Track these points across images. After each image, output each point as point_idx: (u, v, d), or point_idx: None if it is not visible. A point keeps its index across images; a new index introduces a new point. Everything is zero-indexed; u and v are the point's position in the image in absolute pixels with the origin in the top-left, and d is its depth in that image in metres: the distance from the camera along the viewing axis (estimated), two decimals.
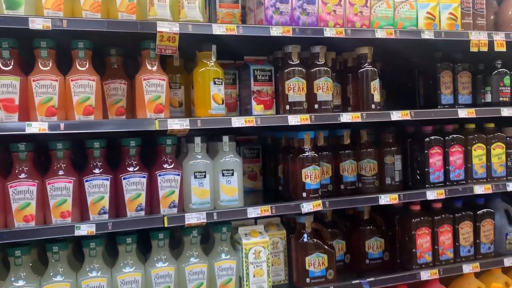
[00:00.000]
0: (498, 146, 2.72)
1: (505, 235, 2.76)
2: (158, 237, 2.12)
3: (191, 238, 2.17)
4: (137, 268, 2.09)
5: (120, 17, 2.02)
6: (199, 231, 2.19)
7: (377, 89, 2.47)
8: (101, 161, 2.06)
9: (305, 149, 2.35)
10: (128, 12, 2.03)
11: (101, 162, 2.06)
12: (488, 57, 2.74)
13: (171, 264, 2.14)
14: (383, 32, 2.38)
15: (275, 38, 2.22)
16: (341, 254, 2.59)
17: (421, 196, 2.51)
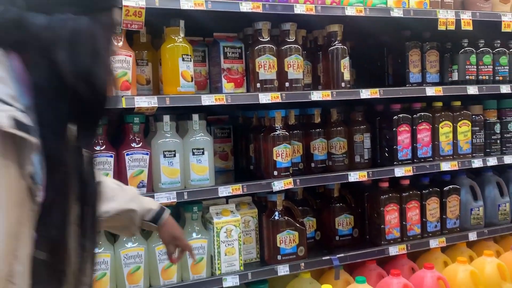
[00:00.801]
0: (464, 123, 2.78)
1: (470, 210, 2.84)
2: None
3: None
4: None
5: None
6: (199, 208, 2.19)
7: (347, 67, 2.47)
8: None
9: (276, 128, 2.35)
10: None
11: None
12: (455, 36, 2.77)
13: (140, 245, 2.12)
14: (353, 9, 2.37)
15: (245, 14, 2.19)
16: (312, 231, 2.62)
17: (389, 173, 2.55)
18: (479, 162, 2.77)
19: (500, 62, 2.88)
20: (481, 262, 2.63)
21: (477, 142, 2.84)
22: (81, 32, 0.98)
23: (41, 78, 0.96)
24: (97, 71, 1.01)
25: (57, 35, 0.95)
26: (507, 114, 2.97)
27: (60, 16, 0.96)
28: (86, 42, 0.98)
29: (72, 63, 0.96)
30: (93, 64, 1.00)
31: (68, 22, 0.97)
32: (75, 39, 0.97)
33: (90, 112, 1.05)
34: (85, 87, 0.99)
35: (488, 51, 2.84)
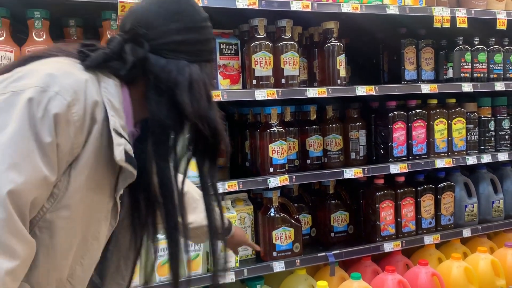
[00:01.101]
0: (459, 121, 2.80)
1: (464, 207, 2.86)
2: None
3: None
4: None
5: None
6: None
7: (343, 64, 2.47)
8: None
9: (272, 124, 2.35)
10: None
11: None
12: (451, 33, 2.78)
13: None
14: (349, 6, 2.37)
15: (241, 11, 2.18)
16: (307, 228, 2.63)
17: (384, 170, 2.56)
18: (473, 159, 2.78)
19: (495, 60, 2.89)
20: (475, 258, 2.65)
21: (471, 139, 2.86)
22: (197, 79, 1.11)
23: (162, 113, 1.10)
24: (213, 114, 1.15)
25: (177, 79, 1.09)
26: (501, 112, 2.99)
27: (177, 62, 1.10)
28: (201, 88, 1.12)
29: (194, 105, 1.10)
30: (209, 107, 1.14)
31: (185, 68, 1.10)
32: (193, 85, 1.11)
33: (210, 148, 1.18)
34: (205, 127, 1.12)
35: (483, 48, 2.86)
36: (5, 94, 0.96)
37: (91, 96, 1.01)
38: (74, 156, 1.00)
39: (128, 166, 1.04)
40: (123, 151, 1.02)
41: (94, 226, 1.11)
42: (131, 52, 1.08)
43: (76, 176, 1.01)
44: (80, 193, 1.02)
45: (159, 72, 1.09)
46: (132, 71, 1.09)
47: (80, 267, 1.10)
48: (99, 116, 1.02)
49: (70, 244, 1.06)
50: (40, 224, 1.00)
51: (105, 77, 1.07)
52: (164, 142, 1.13)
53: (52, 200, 1.00)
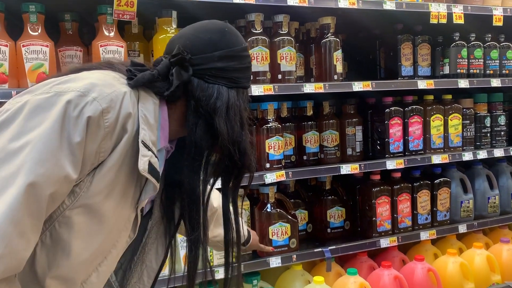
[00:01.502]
0: (455, 117, 2.80)
1: (460, 203, 2.86)
2: None
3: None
4: None
5: None
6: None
7: (339, 59, 2.47)
8: None
9: (268, 120, 2.35)
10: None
11: None
12: (447, 29, 2.78)
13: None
14: (346, 1, 2.37)
15: (238, 6, 2.17)
16: (304, 223, 2.63)
17: (381, 166, 2.56)
18: (469, 155, 2.79)
19: (491, 56, 2.90)
20: (470, 254, 2.66)
21: (467, 136, 2.87)
22: (234, 105, 1.20)
23: (198, 135, 1.18)
24: (245, 140, 1.23)
25: (216, 104, 1.17)
26: (497, 108, 3.00)
27: (217, 87, 1.18)
28: (236, 114, 1.20)
29: (229, 130, 1.18)
30: (241, 133, 1.21)
31: (224, 93, 1.18)
32: (230, 110, 1.19)
33: (237, 172, 1.26)
34: (235, 151, 1.20)
35: (479, 45, 2.86)
36: (49, 93, 1.03)
37: (126, 108, 1.07)
38: (100, 160, 1.06)
39: (150, 177, 1.11)
40: (147, 162, 1.09)
41: (114, 234, 1.16)
42: (177, 75, 1.16)
43: (99, 179, 1.06)
44: (101, 196, 1.07)
45: (200, 95, 1.17)
46: (175, 92, 1.17)
47: (96, 274, 1.15)
48: (130, 128, 1.08)
49: (88, 246, 1.10)
50: (59, 219, 1.06)
51: (146, 94, 1.15)
52: (197, 160, 1.21)
53: (73, 198, 1.05)
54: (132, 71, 1.16)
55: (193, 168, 1.21)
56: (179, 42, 1.19)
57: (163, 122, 1.20)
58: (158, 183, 1.14)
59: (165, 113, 1.21)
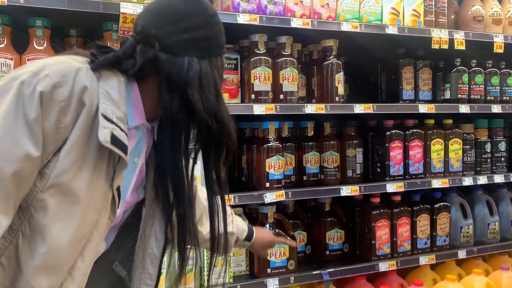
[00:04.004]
0: (456, 141, 2.81)
1: (460, 228, 2.85)
2: None
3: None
4: None
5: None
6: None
7: (341, 82, 2.49)
8: None
9: (269, 139, 2.35)
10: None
11: None
12: (448, 55, 2.81)
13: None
14: (348, 25, 2.40)
15: (242, 26, 2.20)
16: (302, 245, 2.61)
17: (381, 189, 2.56)
18: (469, 180, 2.78)
19: (492, 82, 2.92)
20: (470, 280, 2.63)
21: (468, 161, 2.86)
22: (206, 75, 1.17)
23: (174, 109, 1.16)
24: (222, 109, 1.20)
25: (187, 76, 1.15)
26: (498, 134, 3.00)
27: (187, 59, 1.16)
28: (210, 84, 1.18)
29: (204, 101, 1.16)
30: (217, 103, 1.19)
31: (195, 65, 1.16)
32: (203, 81, 1.17)
33: (216, 143, 1.24)
34: (213, 122, 1.18)
35: (480, 71, 2.88)
36: (6, 80, 1.06)
37: (80, 82, 1.07)
38: (62, 137, 1.06)
39: (114, 148, 1.09)
40: (108, 134, 1.07)
41: (92, 214, 1.13)
42: (141, 53, 1.15)
43: (64, 156, 1.06)
44: (69, 173, 1.07)
45: (170, 69, 1.15)
46: (143, 70, 1.16)
47: (80, 259, 1.14)
48: (88, 101, 1.08)
49: (67, 228, 1.09)
50: (34, 204, 1.06)
51: (109, 73, 1.14)
52: (176, 136, 1.20)
53: (43, 180, 1.06)
54: (95, 54, 1.15)
55: (173, 145, 1.21)
56: (143, 19, 1.19)
57: (135, 100, 1.20)
58: (126, 156, 1.12)
59: (136, 91, 1.20)
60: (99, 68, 1.13)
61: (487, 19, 2.87)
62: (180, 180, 1.25)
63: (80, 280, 1.15)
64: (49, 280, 1.08)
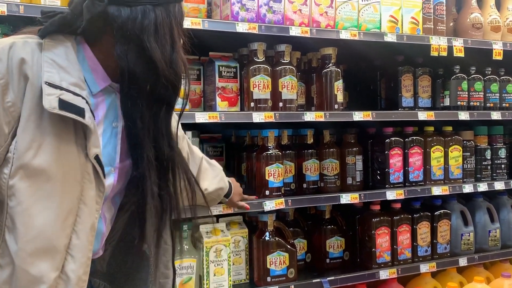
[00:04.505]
0: (456, 149, 2.80)
1: (461, 235, 2.84)
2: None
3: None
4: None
5: None
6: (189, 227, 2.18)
7: (340, 89, 2.49)
8: None
9: (269, 147, 2.35)
10: None
11: None
12: (447, 62, 2.82)
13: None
14: (347, 33, 2.41)
15: (241, 35, 2.21)
16: (303, 253, 2.60)
17: (381, 196, 2.55)
18: (470, 188, 2.78)
19: (491, 89, 2.92)
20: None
21: (468, 168, 2.86)
22: (162, 22, 1.11)
23: (131, 61, 1.09)
24: (177, 58, 1.14)
25: (142, 23, 1.09)
26: (498, 141, 3.00)
27: (141, 7, 1.09)
28: (166, 31, 1.12)
29: (160, 49, 1.10)
30: (173, 51, 1.13)
31: (150, 12, 1.10)
32: (159, 28, 1.10)
33: (171, 93, 1.18)
34: (170, 71, 1.11)
35: (479, 78, 2.89)
36: None
37: (16, 55, 1.05)
38: (14, 116, 1.04)
39: (64, 113, 1.04)
40: (55, 99, 1.03)
41: (72, 187, 1.10)
42: (88, 9, 1.10)
43: (21, 135, 1.04)
44: (31, 151, 1.04)
45: (124, 21, 1.10)
46: (94, 27, 1.12)
47: (75, 235, 1.11)
48: (30, 74, 1.05)
49: (48, 207, 1.06)
50: (8, 193, 1.04)
51: (53, 41, 1.10)
52: (135, 91, 1.14)
53: (9, 165, 1.04)
54: (41, 21, 1.13)
55: (133, 101, 1.14)
56: None
57: (91, 64, 1.15)
58: (84, 119, 1.07)
59: (89, 54, 1.16)
60: (47, 34, 1.10)
61: (486, 26, 2.88)
62: (138, 138, 1.17)
63: (80, 257, 1.11)
64: (47, 264, 1.06)
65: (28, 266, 1.04)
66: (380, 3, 2.55)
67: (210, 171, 1.88)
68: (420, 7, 2.64)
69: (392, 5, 2.58)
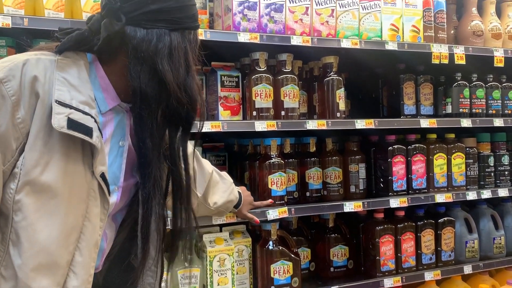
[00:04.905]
0: (458, 156, 2.80)
1: (465, 243, 2.82)
2: None
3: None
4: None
5: (84, 18, 1.98)
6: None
7: (342, 97, 2.50)
8: None
9: (271, 156, 2.35)
10: (93, 13, 1.99)
11: None
12: (449, 69, 2.83)
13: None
14: (348, 42, 2.42)
15: (243, 45, 2.23)
16: (306, 262, 2.59)
17: (384, 204, 2.55)
18: (473, 195, 2.77)
19: (493, 96, 2.93)
20: None
21: (471, 175, 2.86)
22: (177, 46, 1.14)
23: (143, 82, 1.12)
24: (191, 83, 1.16)
25: (157, 46, 1.12)
26: (501, 147, 3.00)
27: (157, 31, 1.13)
28: (181, 56, 1.15)
29: (174, 72, 1.13)
30: (187, 75, 1.16)
31: (165, 36, 1.13)
32: (173, 52, 1.13)
33: (186, 117, 1.19)
34: (183, 94, 1.15)
35: (481, 85, 2.89)
36: None
37: (29, 73, 1.06)
38: (23, 132, 1.06)
39: (73, 132, 1.05)
40: (64, 119, 1.04)
41: (78, 205, 1.11)
42: (105, 27, 1.11)
43: (30, 151, 1.05)
44: (38, 167, 1.05)
45: (139, 42, 1.12)
46: (109, 45, 1.13)
47: (78, 252, 1.11)
48: (42, 91, 1.06)
49: (52, 223, 1.07)
50: (14, 208, 1.05)
51: (67, 60, 1.12)
52: (147, 112, 1.15)
53: (16, 180, 1.05)
54: (58, 37, 1.15)
55: (144, 121, 1.15)
56: None
57: (102, 83, 1.17)
58: (91, 138, 1.08)
59: (101, 73, 1.17)
60: (64, 50, 1.12)
61: (487, 33, 2.89)
62: (147, 157, 1.18)
63: (82, 274, 1.12)
64: (49, 280, 1.07)
65: (30, 281, 1.05)
66: (381, 12, 2.56)
67: (221, 184, 1.92)
68: (420, 16, 2.66)
69: (393, 13, 2.59)
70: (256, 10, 2.28)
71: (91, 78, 1.16)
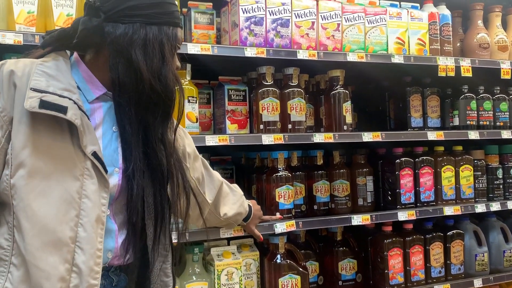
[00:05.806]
0: (466, 168, 2.79)
1: (475, 256, 2.80)
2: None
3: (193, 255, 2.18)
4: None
5: None
6: (200, 249, 2.19)
7: (349, 110, 2.51)
8: None
9: (278, 169, 2.36)
10: None
11: None
12: (455, 82, 2.83)
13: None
14: (354, 55, 2.44)
15: (250, 59, 2.25)
16: (315, 275, 2.58)
17: (392, 217, 2.54)
18: (482, 207, 2.75)
19: (501, 108, 2.92)
20: None
21: (479, 187, 2.84)
22: (152, 38, 1.22)
23: (120, 73, 1.20)
24: (167, 72, 1.23)
25: (132, 38, 1.20)
26: (509, 159, 2.98)
27: (133, 25, 1.21)
28: (156, 48, 1.22)
29: (147, 62, 1.20)
30: (163, 65, 1.23)
31: (140, 29, 1.21)
32: (147, 44, 1.21)
33: (162, 104, 1.25)
34: (157, 82, 1.21)
35: (488, 97, 2.89)
36: None
37: (6, 68, 1.18)
38: (6, 121, 1.15)
39: (44, 111, 1.12)
40: (36, 100, 1.12)
41: (72, 183, 1.17)
42: (83, 22, 1.21)
43: (16, 135, 1.14)
44: (27, 149, 1.13)
45: (117, 36, 1.20)
46: (88, 42, 1.23)
47: (81, 228, 1.17)
48: (19, 83, 1.16)
49: (47, 201, 1.14)
50: (12, 193, 1.13)
51: (45, 57, 1.23)
52: (125, 101, 1.23)
53: (9, 166, 1.14)
54: (43, 36, 1.26)
55: (122, 108, 1.24)
56: None
57: (86, 76, 1.26)
58: (65, 115, 1.14)
59: (83, 66, 1.26)
60: (47, 45, 1.22)
61: (493, 46, 2.90)
62: (129, 143, 1.25)
63: (89, 248, 1.17)
64: (55, 257, 1.12)
65: (37, 261, 1.11)
66: (387, 26, 2.58)
67: (231, 196, 1.95)
68: (426, 29, 2.67)
69: (399, 27, 2.61)
70: (263, 25, 2.30)
71: (73, 71, 1.26)
